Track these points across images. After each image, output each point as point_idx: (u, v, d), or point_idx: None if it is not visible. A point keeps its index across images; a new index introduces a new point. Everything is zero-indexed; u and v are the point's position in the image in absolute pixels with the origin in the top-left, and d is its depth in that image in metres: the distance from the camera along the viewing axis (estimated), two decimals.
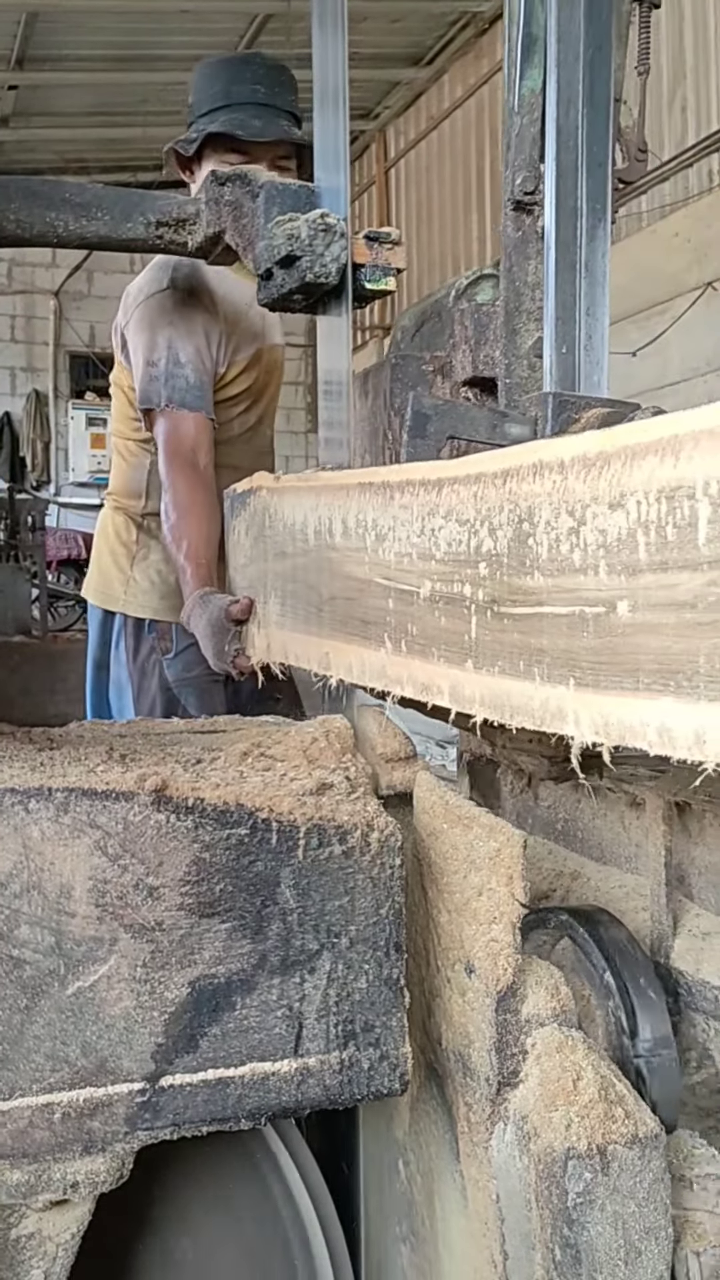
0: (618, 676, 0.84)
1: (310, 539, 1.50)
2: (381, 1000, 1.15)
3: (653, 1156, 1.05)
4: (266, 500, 1.71)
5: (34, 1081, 1.05)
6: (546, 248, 1.46)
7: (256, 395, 2.54)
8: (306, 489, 1.55)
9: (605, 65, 1.51)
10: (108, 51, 9.90)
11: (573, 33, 1.49)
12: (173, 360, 2.34)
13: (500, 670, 1.01)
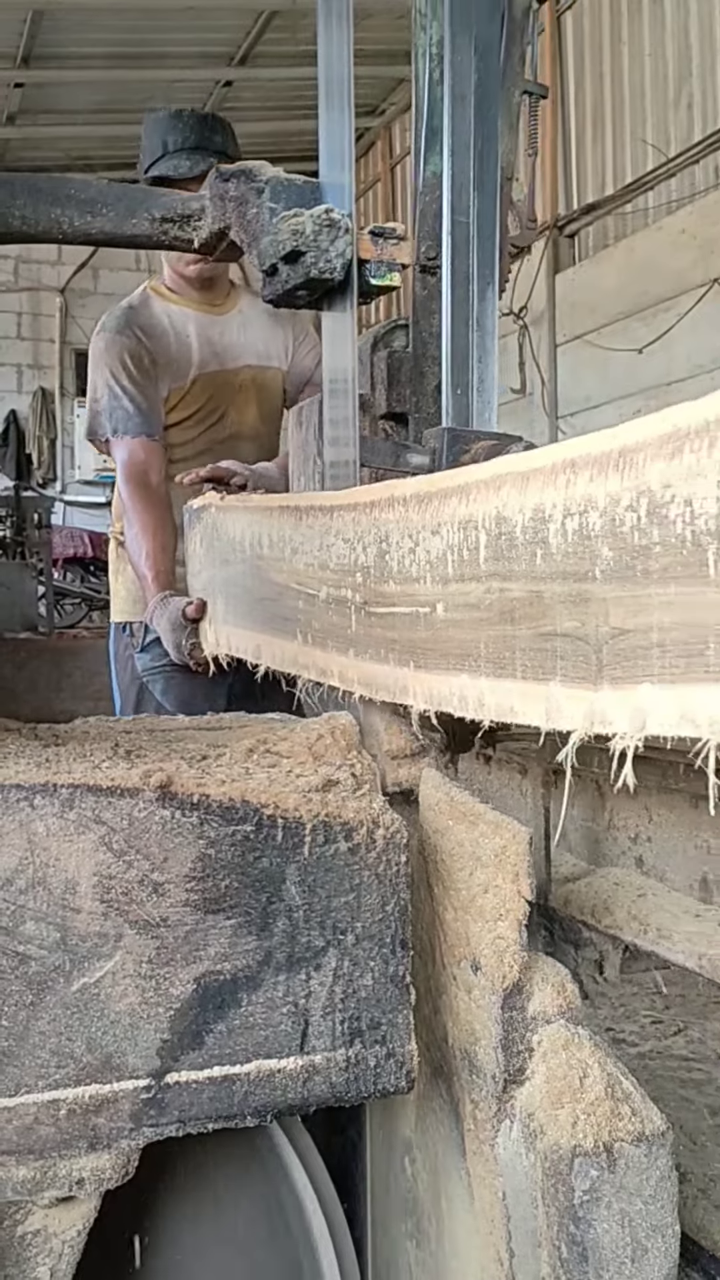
0: (437, 660, 1.14)
1: (246, 550, 1.79)
2: (387, 997, 1.15)
3: (659, 1154, 1.04)
4: (215, 516, 2.01)
5: (39, 1078, 1.05)
6: (444, 305, 1.69)
7: (216, 414, 2.79)
8: (243, 509, 1.85)
9: (492, 154, 1.79)
10: (113, 49, 9.90)
11: (464, 127, 1.78)
12: (111, 395, 2.66)
13: (370, 657, 1.30)
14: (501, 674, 1.02)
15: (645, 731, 0.83)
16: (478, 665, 1.06)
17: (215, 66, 10.57)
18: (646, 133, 8.89)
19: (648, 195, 8.86)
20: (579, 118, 9.68)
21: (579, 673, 0.90)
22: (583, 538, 0.88)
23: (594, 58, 9.47)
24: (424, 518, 1.14)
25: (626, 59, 9.09)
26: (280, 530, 1.61)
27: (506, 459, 1.05)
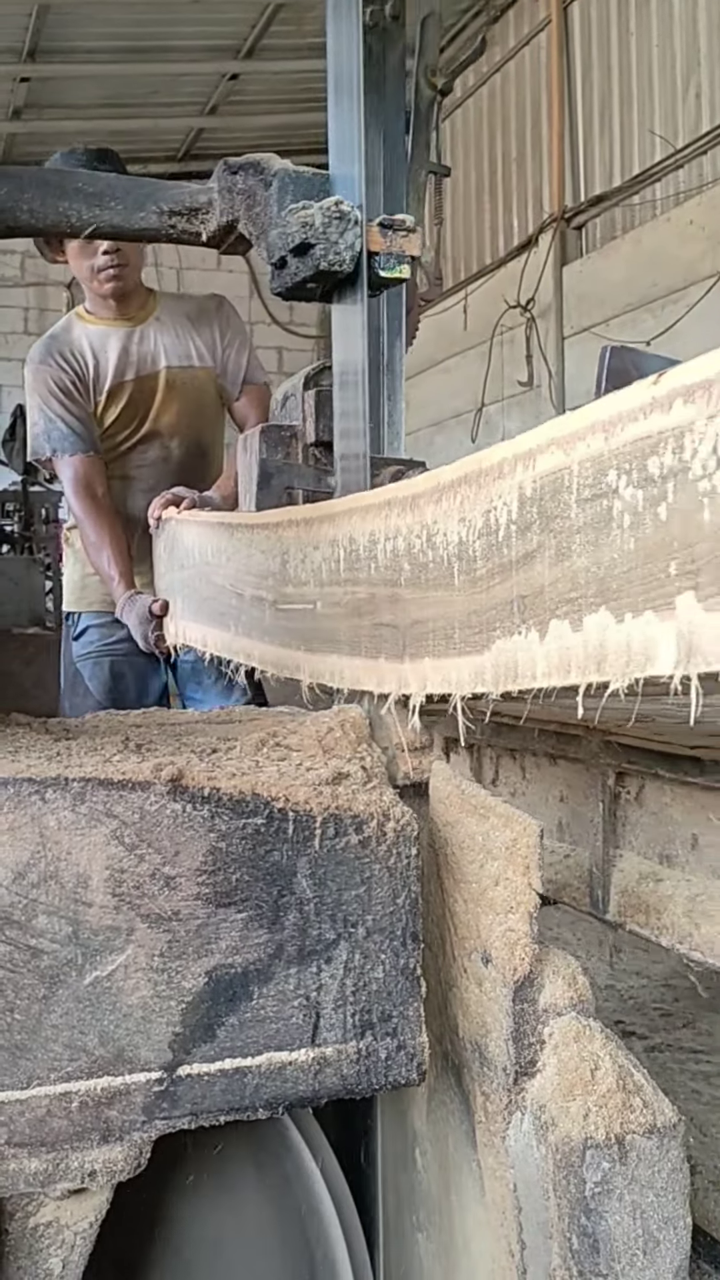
0: (317, 644, 1.46)
1: (196, 557, 2.22)
2: (398, 990, 1.15)
3: (671, 1146, 1.04)
4: (174, 528, 2.46)
5: (52, 1070, 1.06)
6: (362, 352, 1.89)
7: (137, 416, 3.08)
8: (194, 522, 2.30)
9: None
10: (118, 43, 9.87)
11: (375, 205, 2.01)
12: (45, 419, 2.99)
13: (277, 643, 1.63)
14: (354, 654, 1.35)
15: (426, 690, 1.17)
16: (341, 647, 1.39)
17: (221, 59, 10.53)
18: (654, 123, 8.86)
19: (655, 187, 8.83)
20: (586, 109, 9.65)
21: (393, 651, 1.24)
22: (394, 556, 1.23)
23: (601, 48, 9.43)
24: (309, 536, 1.49)
25: (634, 49, 9.05)
26: (219, 542, 2.03)
27: (354, 496, 1.43)
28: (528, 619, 0.96)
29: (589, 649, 0.88)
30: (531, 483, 0.95)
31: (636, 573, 0.82)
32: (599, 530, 0.86)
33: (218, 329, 3.16)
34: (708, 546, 0.74)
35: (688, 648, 0.77)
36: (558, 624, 0.92)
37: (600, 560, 0.86)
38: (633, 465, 0.82)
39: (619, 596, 0.84)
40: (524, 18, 10.19)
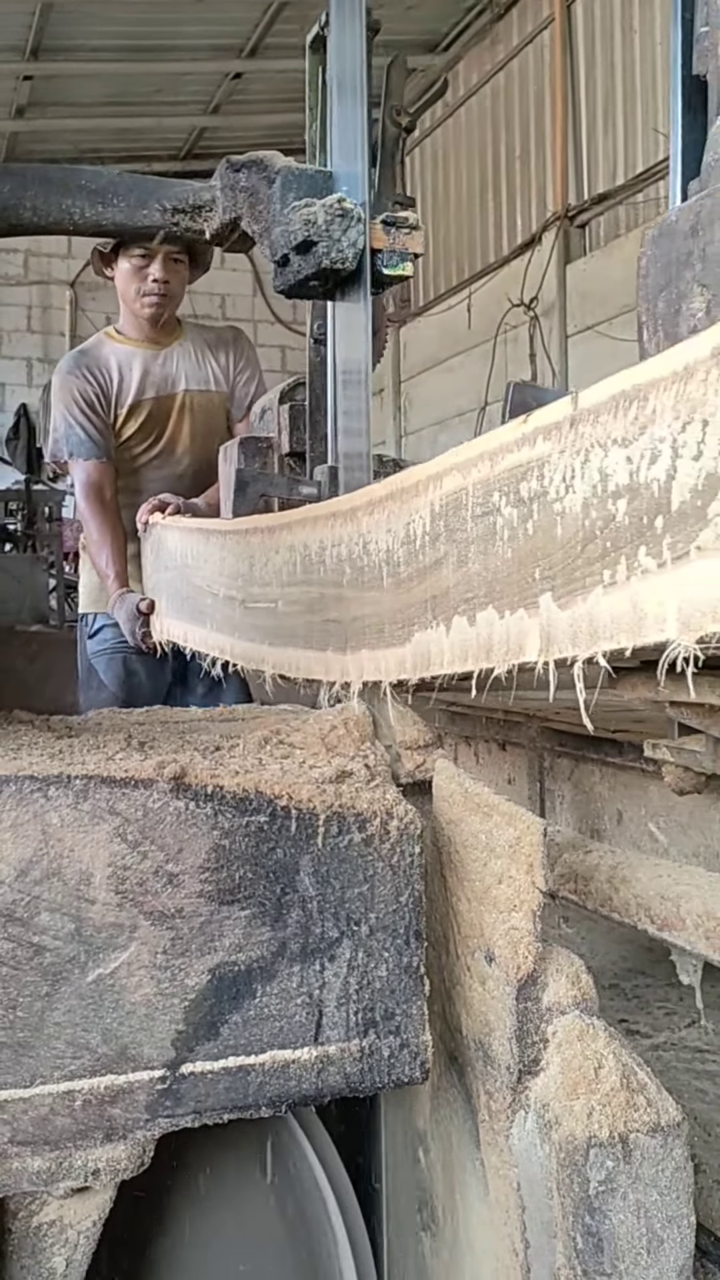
0: (279, 639, 1.62)
1: (179, 559, 2.41)
2: (402, 988, 1.15)
3: (675, 1145, 1.04)
4: (160, 532, 2.68)
5: (55, 1068, 1.05)
6: (332, 369, 2.01)
7: (153, 433, 3.31)
8: (177, 528, 2.50)
9: None
10: (122, 41, 9.87)
11: None
12: (66, 425, 3.21)
13: (245, 638, 1.78)
14: (308, 647, 1.50)
15: (364, 678, 1.33)
16: (297, 641, 1.54)
17: (224, 58, 10.54)
18: (658, 121, 8.84)
19: (659, 184, 8.82)
20: (590, 107, 9.64)
21: (338, 644, 1.39)
22: (338, 560, 1.37)
23: (605, 46, 9.42)
24: (272, 542, 1.64)
25: (637, 47, 9.04)
26: (197, 546, 2.23)
27: (306, 508, 1.61)
28: (437, 615, 1.13)
29: (480, 641, 1.05)
30: (439, 500, 1.11)
31: (513, 577, 0.99)
32: (487, 541, 1.02)
33: (232, 357, 3.41)
34: (560, 555, 0.91)
35: (548, 638, 0.94)
36: (459, 620, 1.09)
37: (489, 566, 1.02)
38: (510, 488, 0.98)
39: (501, 596, 1.01)
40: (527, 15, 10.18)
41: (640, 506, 0.83)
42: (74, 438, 3.22)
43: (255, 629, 1.73)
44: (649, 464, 0.82)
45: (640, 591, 0.83)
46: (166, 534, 2.57)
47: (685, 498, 0.79)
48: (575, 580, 0.90)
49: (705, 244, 1.21)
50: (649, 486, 0.82)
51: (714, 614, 0.76)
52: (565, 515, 0.90)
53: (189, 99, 11.27)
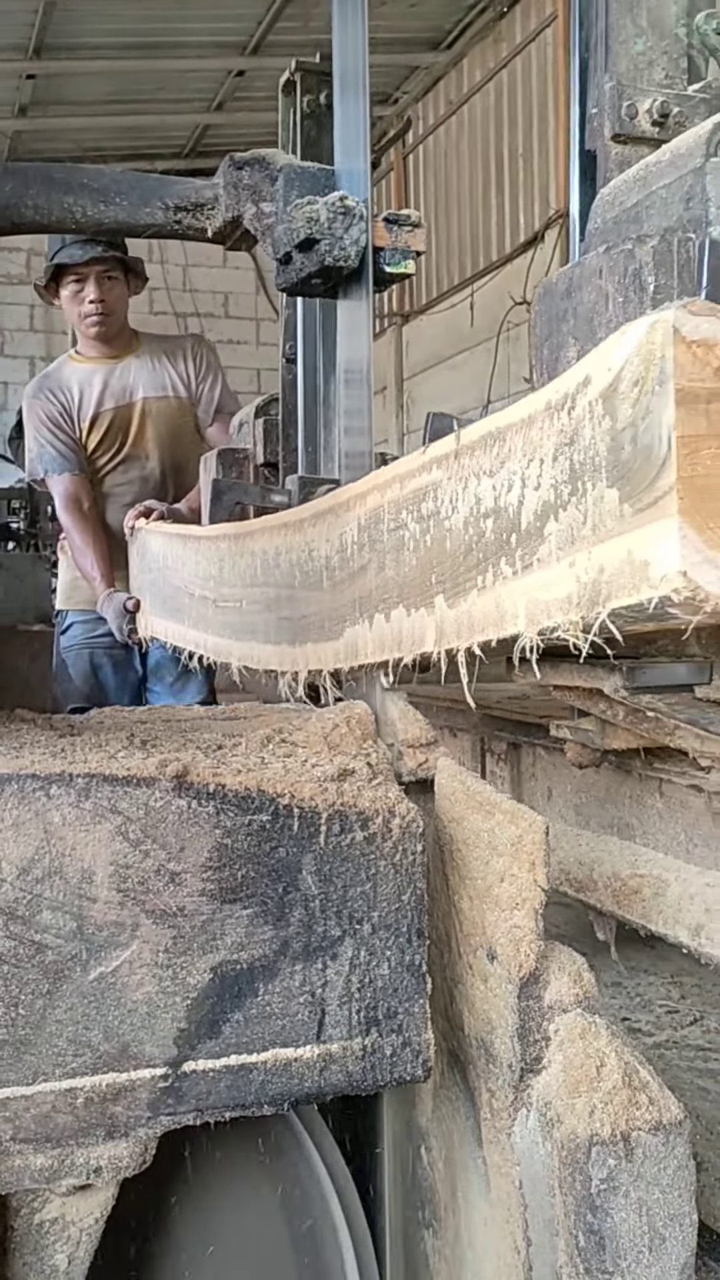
0: (242, 634, 1.79)
1: (160, 562, 2.61)
2: (404, 986, 1.15)
3: (677, 1143, 1.04)
4: (144, 536, 2.89)
5: (57, 1066, 1.05)
6: (301, 387, 2.26)
7: (119, 440, 3.51)
8: (158, 532, 2.74)
9: (331, 315, 2.25)
10: (124, 39, 9.86)
11: (312, 310, 2.32)
12: (39, 445, 3.46)
13: (217, 634, 1.96)
14: (267, 641, 1.66)
15: (311, 666, 1.49)
16: (258, 636, 1.71)
17: (227, 56, 10.52)
18: None
19: None
20: None
21: (290, 639, 1.55)
22: (290, 565, 1.54)
23: None
24: (238, 548, 1.81)
25: None
26: (176, 550, 2.42)
27: (265, 518, 1.77)
28: (362, 613, 1.31)
29: (393, 635, 1.23)
30: (364, 515, 1.29)
31: (417, 581, 1.16)
32: (398, 551, 1.21)
33: (193, 365, 3.59)
34: (449, 564, 1.10)
35: (441, 632, 1.12)
36: (379, 617, 1.26)
37: (400, 572, 1.21)
38: (414, 507, 1.17)
39: (408, 597, 1.19)
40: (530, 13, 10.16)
41: (502, 525, 1.01)
42: (46, 455, 3.46)
43: (224, 625, 1.91)
44: (507, 491, 1.00)
45: (502, 594, 1.02)
46: (150, 538, 2.81)
47: (530, 519, 0.97)
48: (459, 584, 1.08)
49: (576, 304, 1.42)
50: (507, 510, 1.00)
51: (548, 612, 0.95)
52: (452, 531, 1.09)
53: (192, 96, 11.26)
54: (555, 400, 0.94)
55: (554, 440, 0.94)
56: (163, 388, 3.54)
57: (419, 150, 12.26)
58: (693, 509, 0.80)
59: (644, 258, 1.32)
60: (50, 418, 3.48)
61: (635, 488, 0.84)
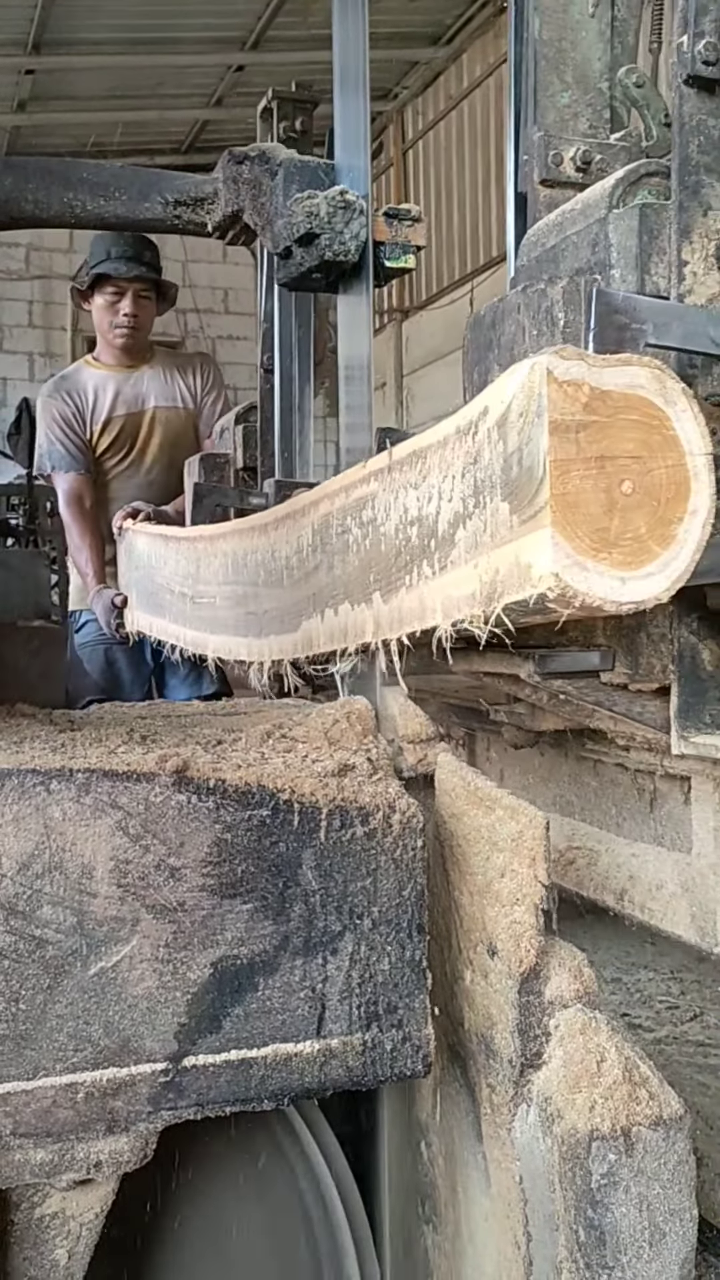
0: (216, 628, 1.96)
1: (145, 561, 2.80)
2: (404, 982, 1.15)
3: (677, 1138, 1.04)
4: (132, 537, 3.09)
5: (57, 1061, 1.05)
6: (276, 398, 2.50)
7: (128, 445, 3.74)
8: (143, 533, 2.92)
9: (307, 336, 2.62)
10: (124, 35, 9.84)
11: (289, 307, 2.58)
12: (49, 442, 3.68)
13: (194, 628, 2.12)
14: (236, 634, 1.81)
15: (273, 657, 1.61)
16: (229, 629, 1.85)
17: (227, 51, 10.50)
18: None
19: None
20: None
21: (255, 631, 1.70)
22: (256, 565, 1.69)
23: None
24: (211, 549, 1.98)
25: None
26: (159, 550, 2.59)
27: (234, 522, 2.02)
28: (316, 608, 1.44)
29: (340, 627, 1.36)
30: (318, 520, 1.43)
31: (359, 579, 1.30)
32: (345, 552, 1.35)
33: (200, 381, 3.84)
34: (384, 564, 1.24)
35: (377, 624, 1.26)
36: (328, 611, 1.39)
37: (346, 571, 1.34)
38: (357, 514, 1.31)
39: (352, 594, 1.32)
40: None
41: (424, 532, 1.15)
42: (55, 453, 3.67)
43: (200, 620, 2.07)
44: (428, 502, 1.14)
45: (424, 591, 1.15)
46: (136, 539, 2.99)
47: (445, 527, 1.11)
48: (392, 583, 1.22)
49: (500, 334, 1.56)
50: (428, 519, 1.14)
51: (458, 606, 1.08)
52: (386, 536, 1.24)
53: (191, 92, 11.24)
54: (463, 425, 1.07)
55: (462, 460, 1.07)
56: (172, 399, 3.77)
57: (419, 145, 12.24)
58: (564, 521, 0.93)
59: (555, 296, 1.47)
60: (64, 417, 3.67)
61: (521, 502, 0.97)
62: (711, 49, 1.38)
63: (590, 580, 0.94)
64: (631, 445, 0.96)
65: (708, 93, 1.40)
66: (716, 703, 1.37)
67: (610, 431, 0.96)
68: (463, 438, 1.07)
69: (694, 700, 1.37)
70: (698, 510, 0.98)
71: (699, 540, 0.98)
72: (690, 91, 1.40)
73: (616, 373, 0.97)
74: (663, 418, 0.98)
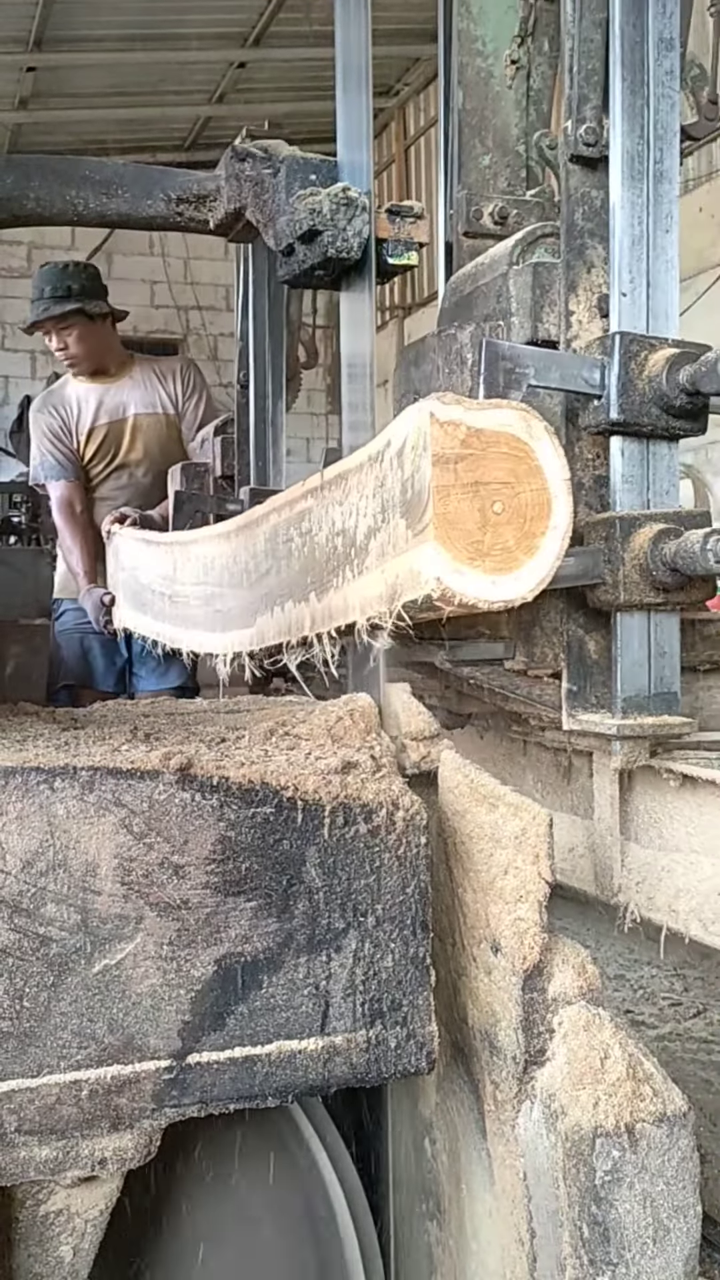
0: (189, 625, 2.11)
1: (130, 563, 3.00)
2: (408, 979, 1.15)
3: (681, 1135, 1.04)
4: (118, 540, 3.30)
5: (61, 1058, 1.06)
6: (250, 412, 2.81)
7: (111, 451, 4.00)
8: (130, 538, 3.12)
9: (278, 321, 2.89)
10: (126, 31, 9.83)
11: (263, 328, 2.87)
12: (40, 454, 4.00)
13: (172, 624, 2.28)
14: (205, 630, 1.96)
15: (235, 648, 1.73)
16: (200, 626, 2.01)
17: (229, 47, 10.49)
18: None
19: None
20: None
21: (220, 627, 1.85)
22: (221, 568, 1.86)
23: None
24: (185, 554, 2.17)
25: None
26: (142, 553, 2.81)
27: (205, 529, 2.22)
28: (267, 606, 1.59)
29: (285, 623, 1.52)
30: (270, 529, 1.60)
31: (300, 582, 1.47)
32: (289, 559, 1.51)
33: (181, 386, 4.04)
34: (318, 569, 1.42)
35: (313, 620, 1.42)
36: (276, 609, 1.55)
37: (290, 575, 1.51)
38: (298, 526, 1.48)
39: (295, 594, 1.48)
40: None
41: (347, 542, 1.33)
42: (47, 463, 3.98)
43: (177, 617, 2.25)
44: (350, 517, 1.31)
45: (347, 592, 1.32)
46: (122, 542, 3.23)
47: (362, 538, 1.28)
48: (324, 585, 1.38)
49: (422, 371, 1.83)
50: (350, 531, 1.31)
51: (371, 605, 1.25)
52: (319, 545, 1.40)
53: (193, 88, 11.23)
54: (374, 454, 1.26)
55: (373, 483, 1.25)
56: (152, 405, 4.01)
57: (421, 142, 12.22)
58: (444, 536, 1.11)
59: (464, 339, 1.71)
60: (52, 430, 3.98)
61: (413, 519, 1.15)
62: (591, 133, 1.60)
63: (467, 583, 1.12)
64: (502, 473, 1.14)
65: (589, 169, 1.62)
66: (600, 686, 1.59)
67: (484, 462, 1.13)
68: (374, 464, 1.25)
69: (581, 684, 1.60)
70: (557, 526, 1.16)
71: (558, 550, 1.16)
72: (575, 168, 1.62)
73: (489, 414, 1.14)
74: (528, 450, 1.15)
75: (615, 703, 1.55)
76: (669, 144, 1.60)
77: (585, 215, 1.62)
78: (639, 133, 1.59)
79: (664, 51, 1.60)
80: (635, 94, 1.59)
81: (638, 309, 1.57)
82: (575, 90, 1.63)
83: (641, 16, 1.59)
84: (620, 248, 1.57)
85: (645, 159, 1.59)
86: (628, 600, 1.52)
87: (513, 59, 2.19)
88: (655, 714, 1.55)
